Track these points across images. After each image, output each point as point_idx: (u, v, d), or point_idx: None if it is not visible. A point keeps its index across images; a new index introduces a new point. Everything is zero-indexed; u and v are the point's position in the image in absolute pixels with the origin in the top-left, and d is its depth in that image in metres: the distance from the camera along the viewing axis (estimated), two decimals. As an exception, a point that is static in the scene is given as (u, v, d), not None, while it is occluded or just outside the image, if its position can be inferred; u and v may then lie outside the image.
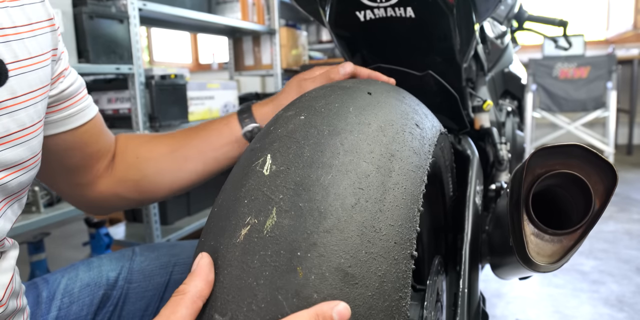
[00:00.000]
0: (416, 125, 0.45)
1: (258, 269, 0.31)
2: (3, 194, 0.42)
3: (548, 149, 0.46)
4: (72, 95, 0.55)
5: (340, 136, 0.38)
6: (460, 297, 0.56)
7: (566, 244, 0.47)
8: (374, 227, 0.33)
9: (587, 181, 0.45)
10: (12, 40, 0.43)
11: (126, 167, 0.63)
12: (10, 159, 0.42)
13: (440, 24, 0.67)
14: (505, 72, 1.19)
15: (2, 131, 0.41)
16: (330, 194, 0.33)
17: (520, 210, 0.48)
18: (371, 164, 0.37)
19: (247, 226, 0.33)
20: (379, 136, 0.39)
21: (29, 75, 0.45)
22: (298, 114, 0.42)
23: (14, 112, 0.42)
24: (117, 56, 1.37)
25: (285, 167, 0.36)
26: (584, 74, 3.36)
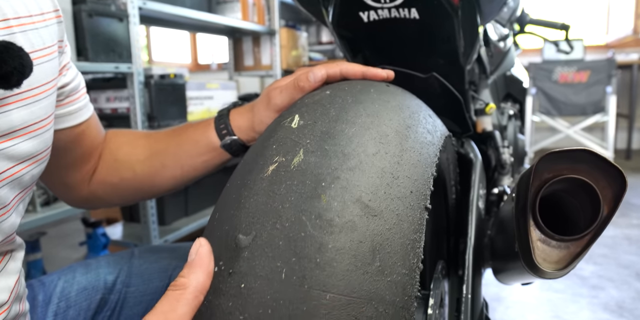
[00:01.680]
0: (429, 115, 0.48)
1: (284, 195, 0.33)
2: (18, 188, 0.42)
3: (556, 154, 0.45)
4: (73, 92, 0.54)
5: (363, 104, 0.42)
6: (464, 302, 0.55)
7: (573, 250, 0.46)
8: (393, 175, 0.36)
9: (595, 187, 0.44)
10: (29, 29, 0.43)
11: (106, 169, 0.61)
12: (26, 151, 0.42)
13: (444, 25, 0.67)
14: (507, 75, 1.18)
15: (20, 123, 0.41)
16: (353, 142, 0.37)
17: (526, 215, 0.47)
18: (390, 127, 0.40)
19: (275, 163, 0.36)
20: (396, 110, 0.43)
21: (43, 66, 0.44)
22: (324, 90, 0.46)
23: (31, 104, 0.42)
24: (116, 55, 1.36)
25: (312, 122, 0.39)
26: (583, 78, 3.36)
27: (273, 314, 0.28)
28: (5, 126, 0.39)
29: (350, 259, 0.30)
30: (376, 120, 0.40)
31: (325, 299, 0.29)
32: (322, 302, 0.29)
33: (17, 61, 0.37)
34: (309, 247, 0.30)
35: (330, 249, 0.30)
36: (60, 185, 0.61)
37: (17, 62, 0.37)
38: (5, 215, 0.41)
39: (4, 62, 0.36)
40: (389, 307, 0.30)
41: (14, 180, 0.41)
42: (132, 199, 0.65)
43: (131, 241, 1.63)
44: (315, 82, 0.50)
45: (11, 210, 0.41)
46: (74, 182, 0.60)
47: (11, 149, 0.40)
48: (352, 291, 0.30)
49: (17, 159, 0.41)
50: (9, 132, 0.40)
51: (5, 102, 0.39)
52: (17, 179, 0.41)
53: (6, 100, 0.39)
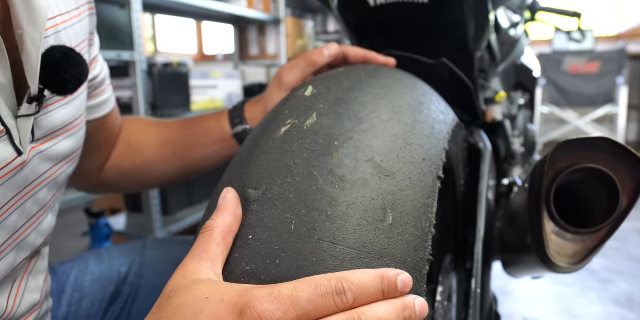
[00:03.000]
0: (441, 100, 0.47)
1: (296, 153, 0.33)
2: (55, 188, 0.42)
3: (573, 142, 0.42)
4: (101, 84, 0.53)
5: (378, 79, 0.42)
6: (473, 297, 0.53)
7: (589, 243, 0.44)
8: (406, 141, 0.36)
9: (614, 177, 0.41)
10: (69, 26, 0.42)
11: (118, 154, 0.60)
12: (64, 150, 0.41)
13: (454, 10, 0.64)
14: (517, 64, 1.15)
15: (61, 123, 0.40)
16: (367, 108, 0.37)
17: (540, 207, 0.44)
18: (403, 100, 0.40)
19: (288, 125, 0.36)
20: (410, 89, 0.42)
21: None
22: (337, 70, 0.46)
23: (69, 102, 0.42)
24: (119, 43, 1.33)
25: (326, 90, 0.39)
26: (594, 69, 3.30)
27: (281, 264, 0.28)
28: (48, 126, 0.39)
29: (362, 214, 0.30)
30: (390, 92, 0.40)
31: (335, 251, 0.28)
32: (331, 254, 0.28)
33: (77, 69, 0.36)
34: (320, 200, 0.30)
35: (341, 202, 0.30)
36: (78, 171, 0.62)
37: (77, 71, 0.36)
38: (43, 215, 0.40)
39: (64, 70, 0.35)
40: (400, 265, 0.30)
41: (52, 180, 0.41)
42: (142, 186, 0.65)
43: (135, 231, 1.62)
44: (329, 56, 0.48)
45: (49, 210, 0.41)
46: (89, 169, 0.60)
47: (52, 149, 0.40)
48: (362, 246, 0.29)
49: (56, 159, 0.41)
50: (51, 132, 0.39)
51: (49, 102, 0.39)
52: (55, 179, 0.41)
53: (50, 100, 0.39)
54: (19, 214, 0.37)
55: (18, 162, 0.34)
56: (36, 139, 0.38)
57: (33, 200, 0.38)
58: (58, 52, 0.36)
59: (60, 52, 0.36)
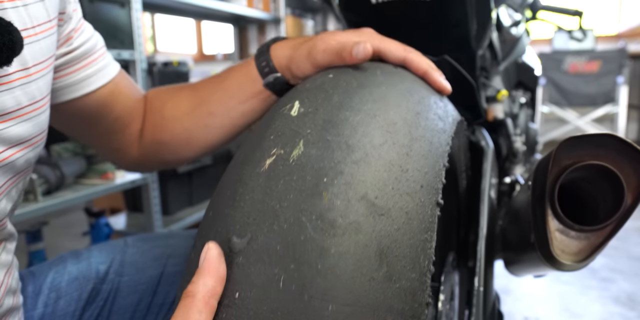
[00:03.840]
0: (440, 100, 0.45)
1: (282, 193, 0.30)
2: (11, 172, 0.40)
3: (577, 139, 0.42)
4: (86, 55, 0.52)
5: (370, 88, 0.38)
6: (476, 295, 0.52)
7: (594, 241, 0.44)
8: (402, 167, 0.33)
9: (619, 173, 0.41)
10: (20, 6, 0.40)
11: (153, 128, 0.59)
12: (19, 134, 0.39)
13: (456, 7, 0.64)
14: (518, 62, 1.15)
15: (13, 105, 0.38)
16: (358, 131, 0.34)
17: (544, 204, 0.44)
18: (398, 114, 0.37)
19: (273, 156, 0.33)
20: (405, 95, 0.39)
21: (37, 45, 0.42)
22: (327, 73, 0.43)
23: (25, 84, 0.40)
24: (118, 42, 1.33)
25: (313, 109, 0.36)
26: (594, 68, 3.30)
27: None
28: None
29: (355, 265, 0.28)
30: (383, 106, 0.37)
31: (327, 311, 0.26)
32: (324, 314, 0.26)
33: (7, 37, 0.35)
34: (309, 252, 0.27)
35: (332, 254, 0.28)
36: (109, 151, 0.61)
37: (7, 38, 0.35)
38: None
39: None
40: (397, 316, 0.28)
41: (6, 164, 0.39)
42: (186, 156, 0.62)
43: (135, 231, 1.62)
44: (357, 59, 0.44)
45: (2, 195, 0.39)
46: (122, 145, 0.59)
47: (3, 132, 0.38)
48: (357, 301, 0.27)
49: (9, 143, 0.39)
50: (2, 114, 0.37)
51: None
52: (10, 163, 0.39)
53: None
54: None
55: None
56: None
57: None
58: None
59: None
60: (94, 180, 1.31)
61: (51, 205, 1.16)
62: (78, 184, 1.31)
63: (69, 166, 1.22)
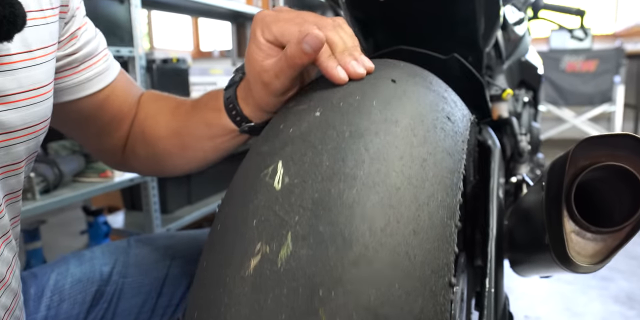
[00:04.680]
0: (447, 118, 0.38)
1: (272, 311, 0.25)
2: (9, 159, 0.39)
3: (594, 139, 0.42)
4: (89, 57, 0.51)
5: (364, 139, 0.32)
6: (487, 297, 0.52)
7: (610, 243, 0.43)
8: (408, 254, 0.27)
9: (637, 175, 0.40)
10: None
11: (134, 140, 0.58)
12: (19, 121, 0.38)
13: (465, 4, 0.63)
14: (522, 61, 1.14)
15: (15, 87, 0.37)
16: (355, 215, 0.28)
17: (560, 205, 0.43)
18: (401, 173, 0.30)
19: (258, 255, 0.28)
20: (408, 137, 0.33)
21: (41, 29, 0.41)
22: (312, 109, 0.36)
23: (29, 67, 0.39)
24: (117, 38, 1.31)
25: (300, 180, 0.30)
26: (591, 68, 3.31)
27: None
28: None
29: None
30: (383, 166, 0.30)
31: None
32: None
33: (8, 9, 0.33)
34: None
35: None
36: (97, 151, 0.61)
37: (8, 11, 0.33)
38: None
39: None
40: None
41: (1, 148, 0.38)
42: (161, 173, 0.61)
43: (133, 230, 1.61)
44: (314, 52, 0.37)
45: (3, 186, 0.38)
46: (109, 147, 0.58)
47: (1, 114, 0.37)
48: None
49: (5, 128, 0.37)
50: (1, 96, 0.36)
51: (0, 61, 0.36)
52: (5, 148, 0.38)
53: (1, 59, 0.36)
54: None
55: None
56: None
57: None
58: None
59: None
60: (93, 179, 1.29)
61: (49, 204, 1.14)
62: (76, 182, 1.29)
63: (67, 164, 1.20)
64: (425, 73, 0.45)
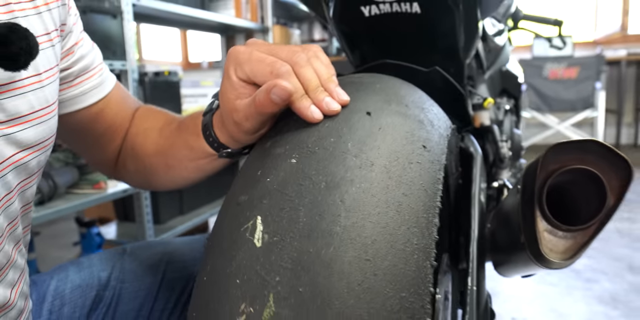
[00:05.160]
0: (423, 147, 0.39)
1: None
2: (24, 174, 0.42)
3: (563, 145, 0.45)
4: (84, 71, 0.53)
5: (340, 190, 0.32)
6: (469, 295, 0.55)
7: (580, 240, 0.47)
8: (384, 306, 0.29)
9: (602, 177, 0.44)
10: (31, 14, 0.42)
11: (125, 155, 0.60)
12: (31, 137, 0.41)
13: (445, 19, 0.67)
14: (502, 70, 1.19)
15: (27, 108, 0.40)
16: (333, 273, 0.29)
17: (533, 206, 0.47)
18: (377, 223, 0.31)
19: (242, 316, 0.28)
20: (384, 181, 0.34)
21: (47, 52, 0.44)
22: (288, 155, 0.36)
23: (38, 89, 0.42)
24: (110, 52, 1.34)
25: (279, 238, 0.31)
26: (573, 75, 3.40)
27: None
28: (13, 111, 0.39)
29: None
30: (359, 219, 0.31)
31: None
32: None
33: (24, 42, 0.36)
34: None
35: None
36: (92, 162, 0.65)
37: (24, 43, 0.36)
38: (10, 200, 0.40)
39: (10, 42, 0.35)
40: None
41: (19, 166, 0.41)
42: (150, 187, 0.63)
43: (126, 240, 1.62)
44: (282, 102, 0.38)
45: (15, 196, 0.41)
46: (103, 159, 0.61)
47: (17, 134, 0.40)
48: None
49: (22, 146, 0.41)
50: (16, 117, 0.39)
51: (13, 86, 0.39)
52: (23, 164, 0.41)
53: (14, 84, 0.39)
54: None
55: None
56: (2, 122, 0.38)
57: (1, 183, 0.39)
58: (3, 27, 0.36)
59: (5, 28, 0.36)
60: (86, 190, 1.31)
61: (44, 215, 1.16)
62: (70, 193, 1.31)
63: (61, 176, 1.22)
64: (401, 95, 0.46)
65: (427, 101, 0.50)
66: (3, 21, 0.37)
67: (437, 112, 0.50)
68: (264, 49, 0.41)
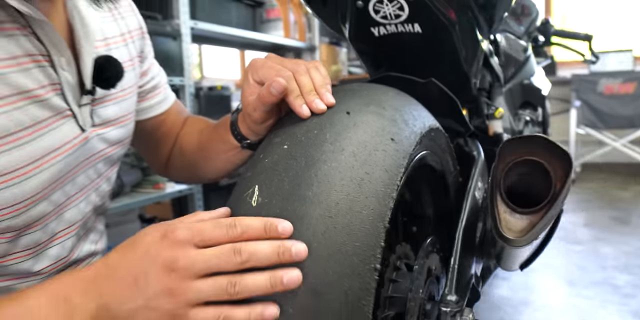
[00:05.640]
0: (391, 140, 0.49)
1: None
2: (110, 163, 0.59)
3: (516, 140, 0.54)
4: (153, 88, 0.69)
5: (315, 167, 0.43)
6: (450, 271, 0.64)
7: (534, 220, 0.55)
8: (340, 250, 0.39)
9: (548, 167, 0.53)
10: (121, 46, 0.60)
11: (174, 153, 0.76)
12: (117, 137, 0.58)
13: (445, 38, 0.76)
14: (524, 83, 1.26)
15: (114, 115, 0.57)
16: (303, 224, 0.39)
17: (495, 193, 0.56)
18: (341, 191, 0.42)
19: None
20: (350, 162, 0.44)
21: (129, 73, 0.60)
22: (282, 143, 0.47)
23: (122, 101, 0.59)
24: (170, 70, 1.54)
25: (269, 200, 0.42)
26: (630, 90, 3.30)
27: None
28: (104, 117, 0.55)
29: None
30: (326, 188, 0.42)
31: None
32: None
33: (115, 69, 0.53)
34: None
35: None
36: (149, 160, 0.81)
37: (115, 70, 0.53)
38: (100, 183, 0.58)
39: (106, 70, 0.52)
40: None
41: (107, 157, 0.57)
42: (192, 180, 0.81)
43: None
44: (278, 93, 0.49)
45: (104, 179, 0.58)
46: (158, 158, 0.77)
47: (107, 134, 0.56)
48: None
49: (110, 142, 0.57)
50: (106, 122, 0.56)
51: (105, 99, 0.56)
52: (110, 156, 0.58)
53: (105, 98, 0.56)
54: (84, 176, 0.54)
55: (81, 137, 0.51)
56: (96, 125, 0.54)
57: (94, 169, 0.55)
58: (102, 59, 0.52)
59: (103, 59, 0.52)
60: (148, 189, 1.50)
61: (112, 208, 1.34)
62: (134, 191, 1.50)
63: (127, 176, 1.41)
64: (381, 99, 0.56)
65: (407, 105, 0.60)
66: (102, 54, 0.53)
67: (416, 115, 0.60)
68: (276, 60, 0.55)
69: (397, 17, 0.74)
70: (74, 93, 0.50)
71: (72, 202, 0.53)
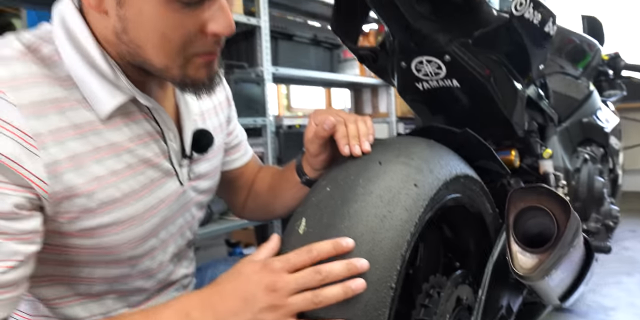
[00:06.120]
0: (414, 185, 0.59)
1: None
2: (199, 207, 0.74)
3: (524, 189, 0.63)
4: (235, 146, 0.85)
5: (348, 205, 0.55)
6: (477, 302, 0.71)
7: (542, 258, 0.62)
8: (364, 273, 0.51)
9: (551, 212, 0.60)
10: (213, 116, 0.76)
11: (249, 197, 0.90)
12: (206, 187, 0.74)
13: (481, 90, 0.85)
14: (583, 121, 1.27)
15: (205, 171, 0.72)
16: None
17: (508, 234, 0.64)
18: (366, 226, 0.54)
19: None
20: (376, 202, 0.56)
21: (218, 137, 0.76)
22: (326, 185, 0.60)
23: (213, 158, 0.75)
24: (254, 111, 1.74)
25: (312, 230, 0.55)
26: None
27: None
28: (197, 172, 0.71)
29: None
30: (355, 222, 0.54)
31: None
32: None
33: (208, 139, 0.69)
34: None
35: None
36: (229, 204, 0.95)
37: (208, 140, 0.69)
38: (193, 222, 0.73)
39: (202, 139, 0.69)
40: None
41: (198, 203, 0.73)
42: (265, 218, 0.95)
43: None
44: (329, 129, 0.64)
45: (196, 219, 0.74)
46: (236, 203, 0.92)
47: (200, 185, 0.72)
48: None
49: (200, 191, 0.73)
50: (199, 176, 0.72)
51: (199, 159, 0.71)
52: (200, 202, 0.74)
53: (200, 158, 0.71)
54: (182, 219, 0.70)
55: (181, 190, 0.67)
56: (191, 179, 0.69)
57: (189, 212, 0.71)
58: (199, 132, 0.68)
59: (199, 132, 0.68)
60: (233, 217, 1.69)
61: (202, 233, 1.55)
62: (221, 219, 1.71)
63: (216, 205, 1.62)
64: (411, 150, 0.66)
65: (436, 156, 0.70)
66: (200, 127, 0.69)
67: (443, 163, 0.70)
68: (333, 111, 0.69)
69: (437, 74, 0.85)
70: (177, 157, 0.66)
71: (173, 238, 0.69)
